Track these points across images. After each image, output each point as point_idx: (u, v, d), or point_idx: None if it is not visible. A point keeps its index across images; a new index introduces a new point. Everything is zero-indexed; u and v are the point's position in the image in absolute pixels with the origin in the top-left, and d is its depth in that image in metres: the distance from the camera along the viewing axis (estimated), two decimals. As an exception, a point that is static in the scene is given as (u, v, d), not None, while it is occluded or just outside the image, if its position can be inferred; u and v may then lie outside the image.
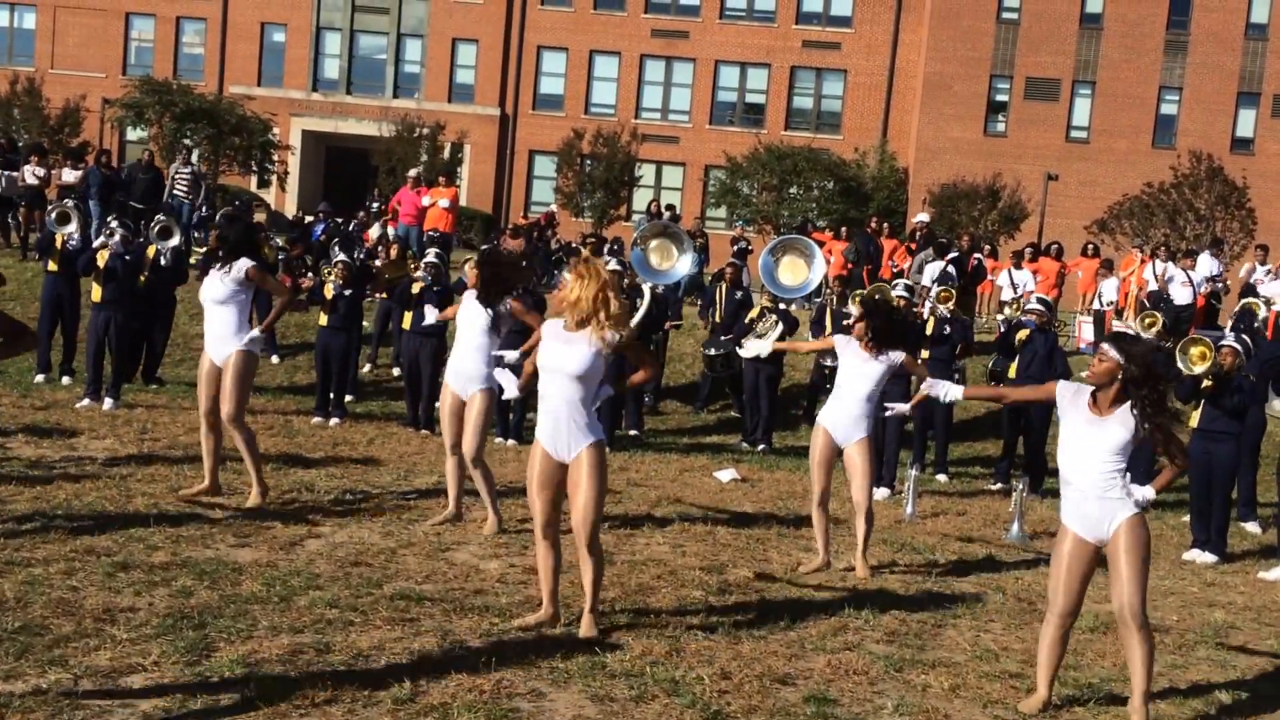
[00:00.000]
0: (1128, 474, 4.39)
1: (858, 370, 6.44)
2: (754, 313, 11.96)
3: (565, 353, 4.74)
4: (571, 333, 4.76)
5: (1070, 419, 4.45)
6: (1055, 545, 4.53)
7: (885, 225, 19.16)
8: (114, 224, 10.87)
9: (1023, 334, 10.64)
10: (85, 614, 4.64)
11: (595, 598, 4.87)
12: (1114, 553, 4.35)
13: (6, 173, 16.38)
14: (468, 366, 6.70)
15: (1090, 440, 4.36)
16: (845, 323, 6.87)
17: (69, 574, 5.14)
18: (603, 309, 4.69)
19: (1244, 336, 8.93)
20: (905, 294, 10.64)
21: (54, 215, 11.27)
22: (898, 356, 6.51)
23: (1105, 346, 4.39)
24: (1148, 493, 4.36)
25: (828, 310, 12.83)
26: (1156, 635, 5.74)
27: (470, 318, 6.75)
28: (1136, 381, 4.29)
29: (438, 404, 11.34)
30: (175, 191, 17.40)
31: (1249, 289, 15.30)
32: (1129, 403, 4.32)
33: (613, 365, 4.92)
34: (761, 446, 11.68)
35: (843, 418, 6.42)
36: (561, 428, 4.76)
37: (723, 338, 12.39)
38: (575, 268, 4.80)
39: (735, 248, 16.59)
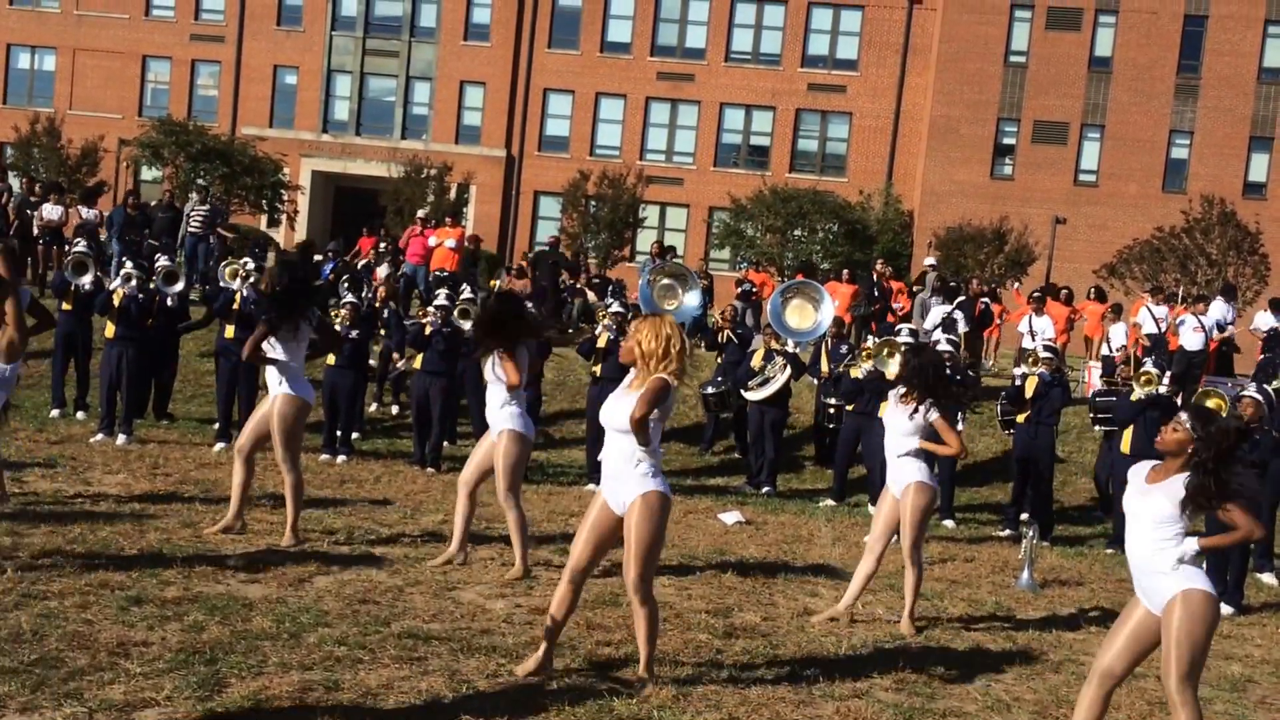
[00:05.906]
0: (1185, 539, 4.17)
1: (889, 425, 6.48)
2: (759, 356, 11.96)
3: (615, 407, 4.73)
4: (633, 390, 4.72)
5: (1126, 494, 4.31)
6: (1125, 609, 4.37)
7: (889, 269, 19.25)
8: (130, 267, 11.04)
9: (1031, 382, 10.68)
10: (99, 647, 4.68)
11: (651, 655, 4.75)
12: (1163, 630, 4.16)
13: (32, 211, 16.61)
14: (493, 411, 6.66)
15: (1136, 511, 4.21)
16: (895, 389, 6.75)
17: (84, 607, 5.19)
18: (661, 358, 4.67)
19: (1265, 387, 8.81)
20: (909, 339, 10.60)
21: (71, 266, 11.44)
22: (930, 415, 6.35)
23: (1182, 418, 4.17)
24: (1191, 545, 4.16)
25: (823, 352, 12.82)
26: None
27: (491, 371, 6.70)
28: (1204, 466, 4.09)
29: (446, 443, 11.42)
30: (191, 228, 17.61)
31: (1276, 337, 14.94)
32: (1182, 475, 4.13)
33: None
34: (766, 489, 11.66)
35: (890, 471, 6.46)
36: (615, 480, 4.74)
37: (719, 379, 12.41)
38: (644, 319, 4.78)
39: (739, 290, 16.69)
